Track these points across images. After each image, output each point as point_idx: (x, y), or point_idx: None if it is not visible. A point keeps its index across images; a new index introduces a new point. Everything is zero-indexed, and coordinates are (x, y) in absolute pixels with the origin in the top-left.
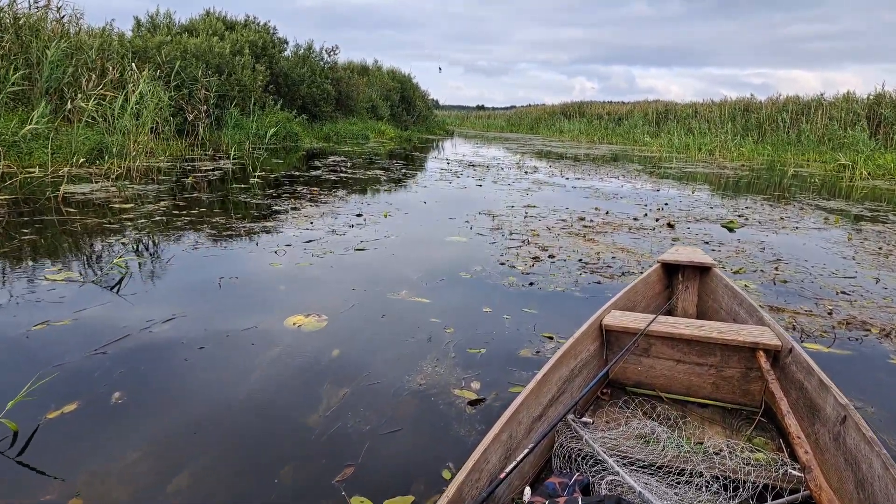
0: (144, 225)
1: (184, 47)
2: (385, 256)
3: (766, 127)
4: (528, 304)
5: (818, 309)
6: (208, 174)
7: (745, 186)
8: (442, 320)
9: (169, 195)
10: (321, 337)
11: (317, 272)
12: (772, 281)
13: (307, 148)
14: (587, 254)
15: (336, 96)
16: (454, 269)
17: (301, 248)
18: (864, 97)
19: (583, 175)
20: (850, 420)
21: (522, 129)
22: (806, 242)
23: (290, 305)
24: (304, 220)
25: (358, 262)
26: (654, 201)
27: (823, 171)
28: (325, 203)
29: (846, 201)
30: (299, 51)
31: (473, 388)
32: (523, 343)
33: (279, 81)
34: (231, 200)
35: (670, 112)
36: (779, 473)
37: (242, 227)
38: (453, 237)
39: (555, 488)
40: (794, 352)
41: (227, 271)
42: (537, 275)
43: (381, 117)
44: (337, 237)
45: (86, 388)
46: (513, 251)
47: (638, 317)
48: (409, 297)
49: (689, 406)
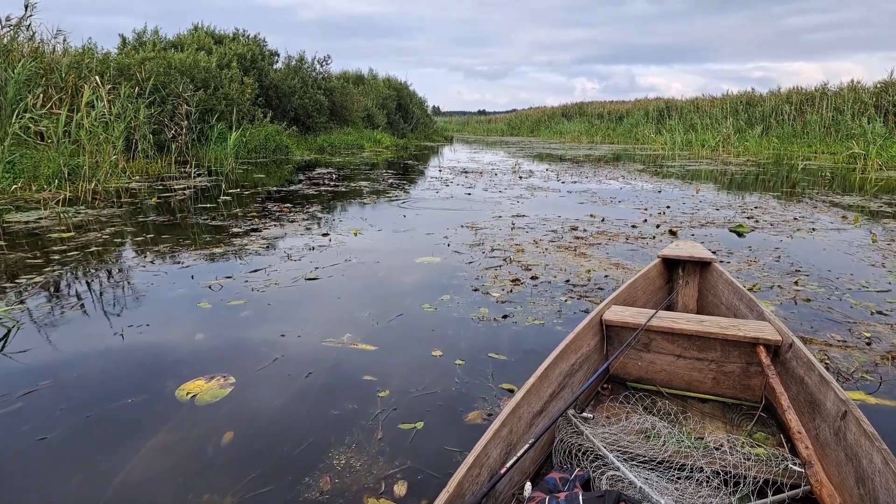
0: (73, 259)
1: (168, 63)
2: (338, 287)
3: (771, 120)
4: (497, 344)
5: (853, 337)
6: (177, 194)
7: (751, 183)
8: (380, 378)
9: (121, 220)
10: (216, 412)
11: (247, 313)
12: (793, 300)
13: (298, 160)
14: (576, 273)
15: (330, 106)
16: (417, 301)
17: (242, 280)
18: (870, 86)
19: (580, 178)
20: (851, 415)
21: (523, 131)
22: (826, 247)
23: (196, 363)
24: (260, 245)
25: (303, 296)
26: (655, 204)
27: (833, 162)
28: (291, 222)
29: (861, 195)
30: (291, 62)
31: (396, 496)
32: (474, 402)
33: (269, 94)
34: (188, 223)
35: (672, 109)
36: (779, 468)
37: (185, 256)
38: (425, 257)
39: (555, 483)
40: (794, 347)
41: (141, 317)
42: (514, 303)
43: (377, 126)
44: (290, 264)
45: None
46: (491, 272)
47: (638, 312)
48: (349, 344)
49: (690, 401)
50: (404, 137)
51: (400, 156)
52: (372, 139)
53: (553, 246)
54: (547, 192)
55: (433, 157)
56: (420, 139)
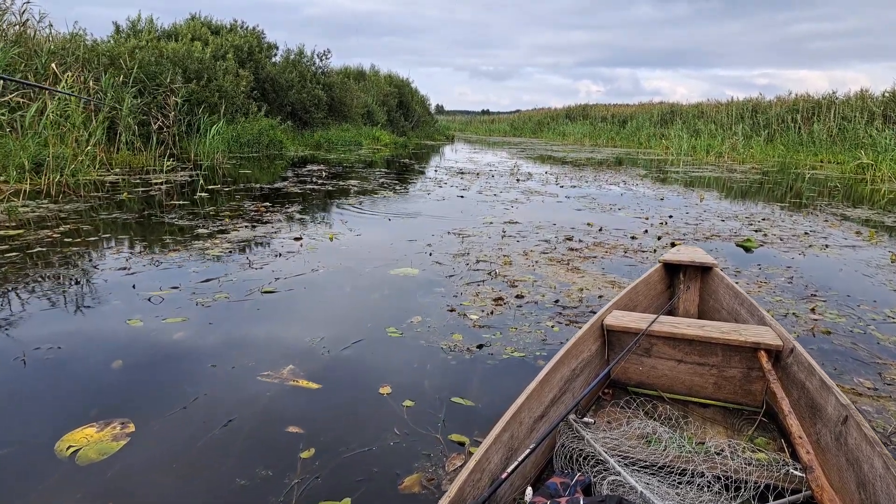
0: (5, 262)
1: (160, 52)
2: (295, 304)
3: (776, 127)
4: (464, 383)
5: (883, 383)
6: (153, 188)
7: (757, 192)
8: (309, 430)
9: (81, 217)
10: (96, 478)
11: (182, 334)
12: (811, 332)
13: (292, 156)
14: (567, 291)
15: (328, 102)
16: (382, 323)
17: (190, 291)
18: (878, 95)
19: (580, 182)
20: (852, 420)
21: (526, 132)
22: (842, 267)
23: (97, 401)
24: (223, 249)
25: (253, 313)
26: (656, 213)
27: (840, 172)
28: (265, 223)
29: (872, 208)
30: (290, 56)
31: None
32: (415, 460)
33: (266, 87)
34: (152, 222)
35: (676, 113)
36: (780, 473)
37: (136, 260)
38: (402, 269)
39: (556, 488)
40: (795, 352)
41: (55, 336)
42: (494, 329)
43: (376, 123)
44: (249, 273)
45: None
46: (472, 289)
47: (639, 317)
48: (289, 380)
49: (691, 406)
50: (404, 135)
51: (398, 154)
52: (370, 136)
53: (545, 258)
54: (544, 196)
55: (432, 157)
56: (421, 137)
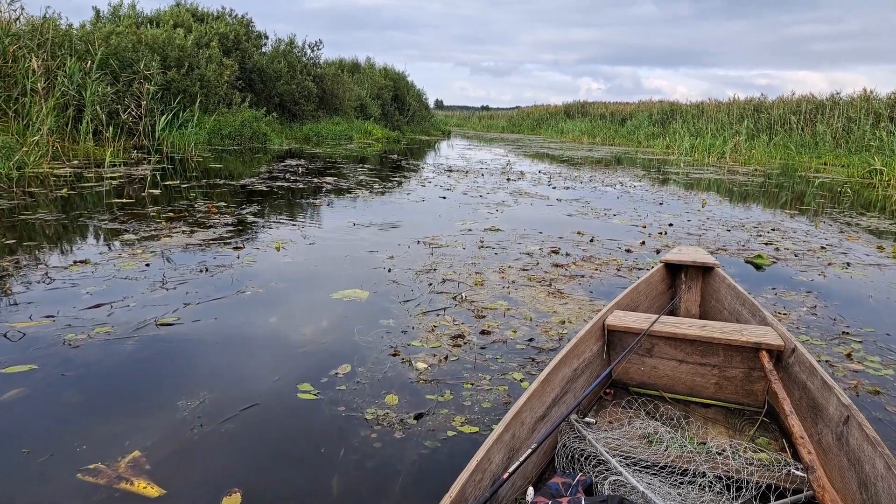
0: None
1: (137, 38)
2: (192, 343)
3: (778, 128)
4: (385, 483)
5: None
6: (102, 184)
7: (762, 196)
8: None
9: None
10: None
11: (16, 392)
12: (854, 390)
13: (276, 150)
14: (545, 323)
15: (319, 94)
16: (296, 376)
17: (67, 321)
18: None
19: (574, 183)
20: (853, 420)
21: (524, 129)
22: (871, 293)
23: None
24: (140, 260)
25: (129, 358)
26: (655, 220)
27: (846, 176)
28: (209, 227)
29: (888, 217)
30: (280, 46)
31: None
32: None
33: (252, 77)
34: (77, 225)
35: (676, 112)
36: (782, 473)
37: (24, 274)
38: (349, 290)
39: (558, 488)
40: (796, 352)
41: None
42: (444, 384)
43: (370, 117)
44: (156, 295)
45: None
46: (429, 320)
47: (641, 317)
48: (122, 481)
49: (692, 406)
50: (399, 130)
51: (389, 149)
52: (362, 130)
53: (523, 277)
54: (533, 198)
55: (424, 153)
56: (416, 132)
